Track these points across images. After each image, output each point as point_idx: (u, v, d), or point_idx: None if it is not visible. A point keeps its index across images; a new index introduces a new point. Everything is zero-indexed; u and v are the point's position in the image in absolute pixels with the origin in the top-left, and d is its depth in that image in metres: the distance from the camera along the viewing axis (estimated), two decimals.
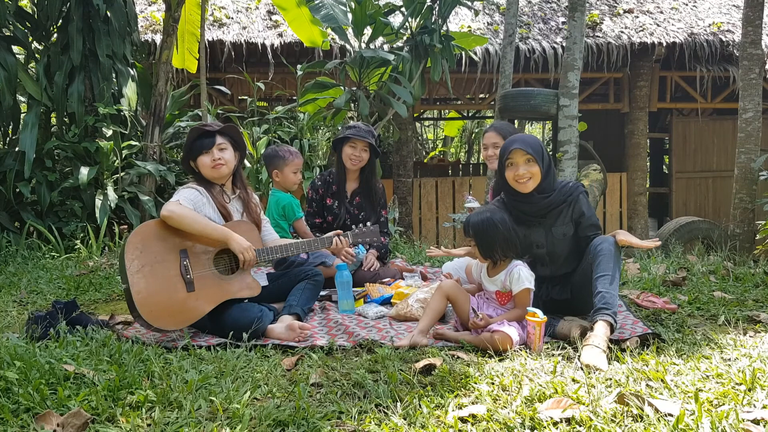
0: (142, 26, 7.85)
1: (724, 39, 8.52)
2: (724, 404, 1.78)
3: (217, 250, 2.77)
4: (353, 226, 3.21)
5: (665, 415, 1.70)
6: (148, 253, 2.63)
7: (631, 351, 2.37)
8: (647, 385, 1.96)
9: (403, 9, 5.71)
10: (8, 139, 5.70)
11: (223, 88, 7.16)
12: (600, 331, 2.35)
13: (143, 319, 2.55)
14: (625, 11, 9.06)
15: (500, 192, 2.95)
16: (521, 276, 2.58)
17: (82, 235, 5.13)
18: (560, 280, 2.86)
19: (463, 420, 1.73)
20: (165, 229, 2.69)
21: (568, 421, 1.69)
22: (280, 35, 8.13)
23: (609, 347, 2.35)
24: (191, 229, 2.67)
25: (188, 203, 2.75)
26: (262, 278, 3.02)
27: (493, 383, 1.99)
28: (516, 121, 9.00)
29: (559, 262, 2.81)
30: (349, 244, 3.11)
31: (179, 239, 2.70)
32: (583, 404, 1.78)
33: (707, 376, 2.05)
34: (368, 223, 3.19)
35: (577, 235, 2.77)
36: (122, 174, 5.63)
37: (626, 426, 1.66)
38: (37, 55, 5.74)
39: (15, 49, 5.62)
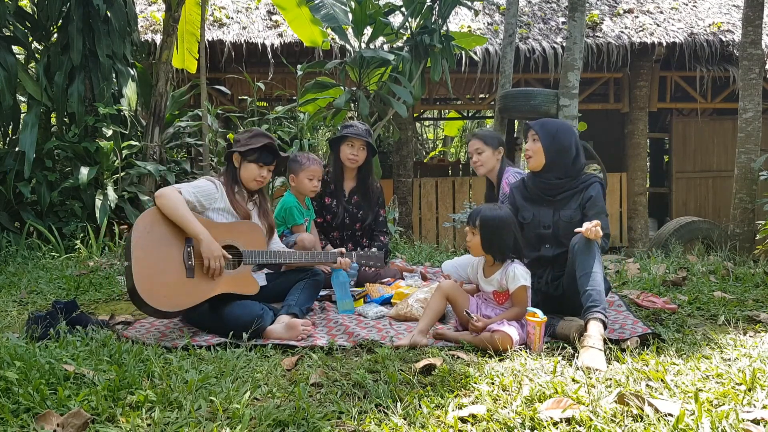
0: (142, 26, 7.85)
1: (724, 39, 8.52)
2: (724, 404, 1.78)
3: (223, 244, 2.77)
4: (358, 249, 3.23)
5: (665, 415, 1.70)
6: (154, 234, 2.66)
7: (631, 351, 2.37)
8: (647, 385, 1.97)
9: (403, 9, 5.71)
10: (8, 139, 5.70)
11: (223, 88, 7.16)
12: (594, 330, 2.35)
13: (139, 297, 2.54)
14: (625, 11, 9.05)
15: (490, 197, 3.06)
16: (516, 274, 2.58)
17: (82, 235, 5.13)
18: (561, 271, 2.86)
19: (463, 420, 1.73)
20: None
21: (568, 421, 1.69)
22: (280, 35, 8.13)
23: (607, 344, 2.35)
24: (169, 215, 2.68)
25: (191, 195, 2.76)
26: (260, 278, 3.02)
27: (493, 383, 1.99)
28: (516, 121, 9.01)
29: (564, 245, 2.83)
30: (353, 262, 3.15)
31: None
32: (583, 404, 1.78)
33: (707, 376, 2.05)
34: (374, 249, 3.23)
35: (584, 221, 2.78)
36: (122, 174, 5.63)
37: (626, 426, 1.66)
38: (37, 55, 5.74)
39: (15, 49, 5.61)
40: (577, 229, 2.64)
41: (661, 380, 2.00)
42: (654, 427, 1.63)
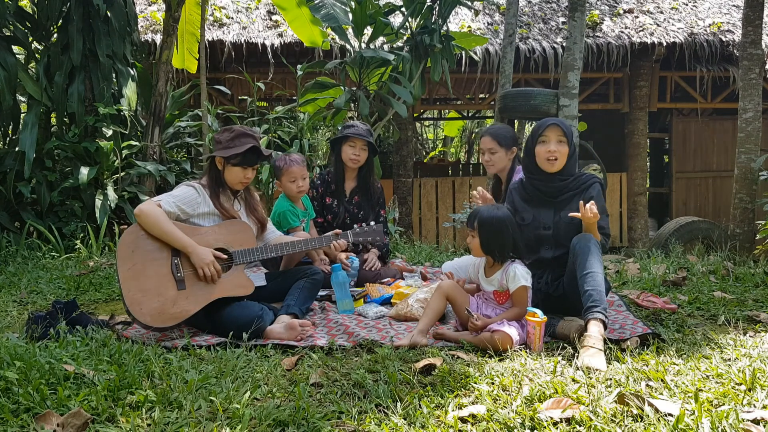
0: (142, 26, 7.85)
1: (724, 39, 8.52)
2: (724, 404, 1.78)
3: (212, 249, 2.76)
4: (354, 226, 3.18)
5: (665, 415, 1.70)
6: (140, 252, 2.65)
7: (631, 351, 2.37)
8: (647, 385, 1.97)
9: (403, 9, 5.71)
10: (8, 139, 5.70)
11: (223, 88, 7.15)
12: (594, 330, 2.36)
13: (134, 317, 2.56)
14: (625, 11, 9.05)
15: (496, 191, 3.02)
16: (517, 274, 2.58)
17: (82, 235, 5.13)
18: (561, 271, 2.86)
19: (463, 420, 1.73)
20: None
21: (568, 421, 1.69)
22: (280, 35, 8.13)
23: (607, 344, 2.35)
24: (152, 232, 2.67)
25: (171, 206, 2.74)
26: (260, 278, 3.01)
27: (493, 383, 1.99)
28: (516, 121, 9.00)
29: (564, 246, 2.82)
30: (349, 243, 3.10)
31: None
32: (583, 404, 1.78)
33: (707, 376, 2.05)
34: (372, 223, 3.18)
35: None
36: (122, 174, 5.63)
37: (626, 426, 1.66)
38: (37, 55, 5.74)
39: (15, 49, 5.62)
40: (571, 214, 2.63)
41: (661, 380, 2.00)
42: (654, 427, 1.63)
